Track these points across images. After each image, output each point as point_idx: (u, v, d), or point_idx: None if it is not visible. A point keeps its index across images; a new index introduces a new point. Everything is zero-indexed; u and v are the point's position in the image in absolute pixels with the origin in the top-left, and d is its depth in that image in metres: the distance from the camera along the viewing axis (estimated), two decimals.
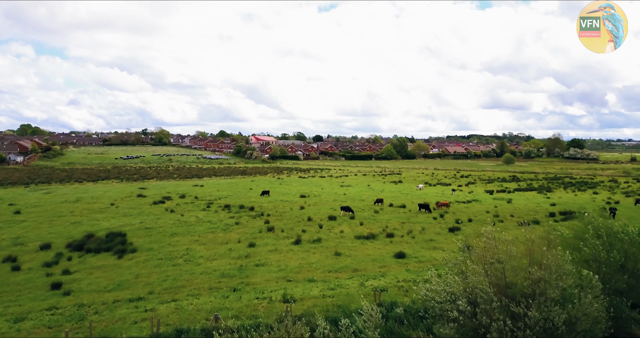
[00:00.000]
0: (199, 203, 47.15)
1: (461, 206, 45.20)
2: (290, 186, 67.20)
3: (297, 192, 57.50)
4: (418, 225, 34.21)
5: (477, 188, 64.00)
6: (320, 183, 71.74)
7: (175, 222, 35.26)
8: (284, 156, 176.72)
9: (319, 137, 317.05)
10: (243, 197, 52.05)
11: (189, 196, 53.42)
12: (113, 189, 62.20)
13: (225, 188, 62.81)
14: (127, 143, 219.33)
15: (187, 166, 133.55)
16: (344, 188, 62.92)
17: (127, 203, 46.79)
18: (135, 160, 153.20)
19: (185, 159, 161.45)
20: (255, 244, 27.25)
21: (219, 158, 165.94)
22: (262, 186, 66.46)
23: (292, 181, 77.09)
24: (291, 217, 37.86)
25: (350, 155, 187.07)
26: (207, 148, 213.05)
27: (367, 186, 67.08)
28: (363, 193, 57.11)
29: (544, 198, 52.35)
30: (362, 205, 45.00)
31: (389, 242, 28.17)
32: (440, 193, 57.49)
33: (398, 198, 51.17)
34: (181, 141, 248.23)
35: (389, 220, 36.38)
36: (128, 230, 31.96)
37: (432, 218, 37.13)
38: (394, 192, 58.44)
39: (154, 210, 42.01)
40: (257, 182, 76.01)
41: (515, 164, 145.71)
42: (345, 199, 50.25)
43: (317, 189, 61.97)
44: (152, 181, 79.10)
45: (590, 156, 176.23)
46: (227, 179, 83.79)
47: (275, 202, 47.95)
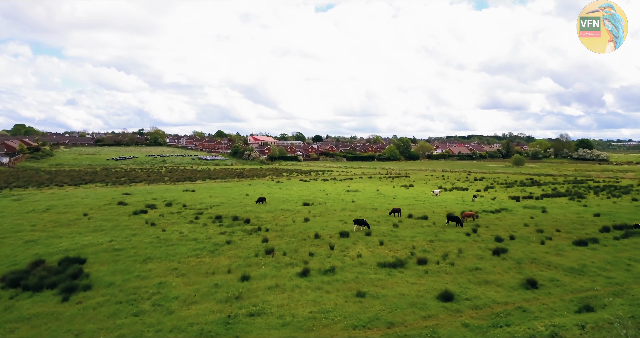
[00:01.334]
0: (187, 213, 40.68)
1: (491, 217, 38.83)
2: (290, 191, 60.76)
3: (298, 198, 51.09)
4: (451, 244, 27.81)
5: (499, 194, 57.64)
6: (324, 188, 65.31)
7: (153, 241, 28.78)
8: (283, 157, 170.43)
9: (319, 137, 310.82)
10: (238, 206, 45.58)
11: (176, 204, 46.97)
12: (93, 195, 55.65)
13: (218, 194, 56.32)
14: (120, 143, 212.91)
15: (181, 168, 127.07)
16: (351, 194, 56.48)
17: (103, 214, 40.27)
18: (128, 161, 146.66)
19: (179, 160, 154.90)
20: (250, 277, 20.80)
21: (215, 159, 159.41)
22: (260, 191, 60.00)
23: (292, 185, 70.64)
24: (294, 232, 31.42)
25: (351, 156, 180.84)
26: (203, 148, 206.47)
27: (376, 191, 60.68)
28: (374, 200, 50.69)
29: (581, 207, 46.00)
30: (376, 216, 38.60)
31: (423, 272, 21.73)
32: (460, 200, 51.11)
33: (415, 207, 44.78)
34: (177, 141, 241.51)
35: (413, 237, 29.96)
36: (91, 252, 25.48)
37: (465, 235, 30.72)
38: (408, 199, 52.02)
39: (132, 223, 35.52)
40: (254, 186, 69.53)
41: (525, 165, 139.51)
42: (354, 208, 43.83)
43: (321, 195, 55.54)
44: (140, 185, 72.53)
45: (600, 157, 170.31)
46: (222, 183, 77.27)
47: (274, 211, 41.52)
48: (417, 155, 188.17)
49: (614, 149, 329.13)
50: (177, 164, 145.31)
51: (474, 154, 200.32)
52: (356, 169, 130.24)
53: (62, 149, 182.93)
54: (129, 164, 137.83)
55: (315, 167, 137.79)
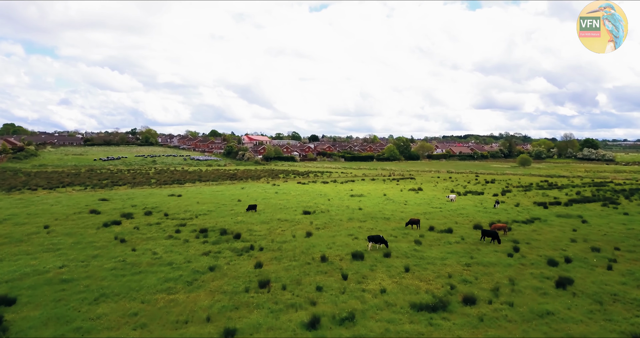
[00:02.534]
0: (168, 224, 34.55)
1: (525, 229, 32.96)
2: (288, 196, 54.68)
3: (297, 205, 45.05)
4: (496, 271, 21.88)
5: (520, 199, 51.85)
6: (325, 192, 59.26)
7: (117, 266, 22.65)
8: (279, 157, 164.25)
9: (315, 136, 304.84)
10: (228, 214, 39.43)
11: (157, 212, 40.82)
12: (66, 201, 49.30)
13: (207, 200, 50.13)
14: (110, 143, 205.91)
15: (172, 168, 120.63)
16: (356, 200, 50.45)
17: (68, 226, 34.03)
18: (116, 161, 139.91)
19: (170, 160, 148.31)
20: (237, 330, 14.75)
21: (207, 159, 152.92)
22: (254, 196, 53.86)
23: (290, 189, 64.54)
24: (295, 252, 25.40)
25: (350, 156, 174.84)
26: (196, 148, 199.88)
27: (383, 196, 54.70)
28: (383, 207, 44.68)
29: (621, 215, 40.25)
30: (390, 229, 32.63)
31: (476, 320, 15.76)
32: (480, 207, 45.25)
33: (433, 216, 38.84)
34: (169, 141, 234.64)
35: (444, 259, 24.00)
36: (28, 286, 19.34)
37: (507, 256, 24.79)
38: (421, 205, 46.06)
39: (98, 238, 29.35)
40: (248, 189, 63.36)
41: (531, 165, 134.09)
42: (363, 217, 37.82)
43: (323, 201, 49.49)
44: (122, 188, 66.17)
45: (606, 157, 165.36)
46: (213, 186, 71.02)
47: (270, 222, 35.44)
48: (417, 155, 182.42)
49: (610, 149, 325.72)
50: (168, 164, 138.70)
51: (475, 153, 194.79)
52: (356, 169, 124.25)
53: (49, 149, 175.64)
54: (117, 165, 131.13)
55: (312, 167, 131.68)
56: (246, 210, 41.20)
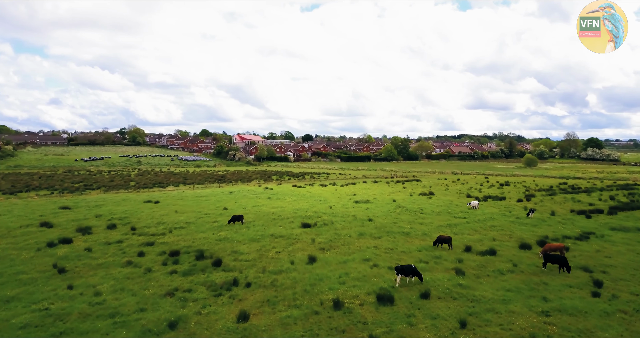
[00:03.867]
0: (132, 242, 27.23)
1: (585, 249, 26.06)
2: (283, 202, 47.43)
3: (294, 214, 37.85)
4: (593, 326, 14.83)
5: (552, 206, 45.06)
6: (325, 197, 52.06)
7: (33, 319, 15.34)
8: (272, 157, 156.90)
9: (309, 136, 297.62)
10: (209, 229, 32.09)
11: (124, 224, 33.44)
12: (18, 210, 41.65)
13: (187, 208, 42.74)
14: (95, 143, 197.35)
15: (157, 169, 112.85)
16: (362, 207, 43.30)
17: (1, 246, 26.52)
18: (98, 162, 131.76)
19: (157, 161, 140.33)
20: None
21: (196, 159, 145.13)
22: (243, 202, 46.54)
23: (284, 193, 57.26)
24: (295, 292, 18.23)
25: (346, 156, 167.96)
26: (185, 148, 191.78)
27: (392, 202, 47.61)
28: (398, 217, 37.52)
29: None
30: (415, 250, 25.56)
31: None
32: (511, 216, 38.30)
33: (462, 229, 31.78)
34: (158, 141, 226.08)
35: (506, 302, 16.93)
36: None
37: (592, 296, 17.83)
38: (441, 215, 38.97)
39: (31, 266, 21.98)
40: (237, 194, 55.96)
41: (538, 165, 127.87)
42: (376, 231, 30.67)
43: (323, 208, 42.30)
44: (94, 193, 58.48)
45: (611, 157, 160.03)
46: (198, 190, 63.51)
47: (261, 239, 28.21)
48: (416, 155, 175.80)
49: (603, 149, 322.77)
50: (153, 165, 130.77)
51: (476, 153, 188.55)
52: (354, 170, 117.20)
53: (29, 148, 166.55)
54: (99, 166, 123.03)
55: (308, 168, 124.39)
56: (228, 222, 33.86)
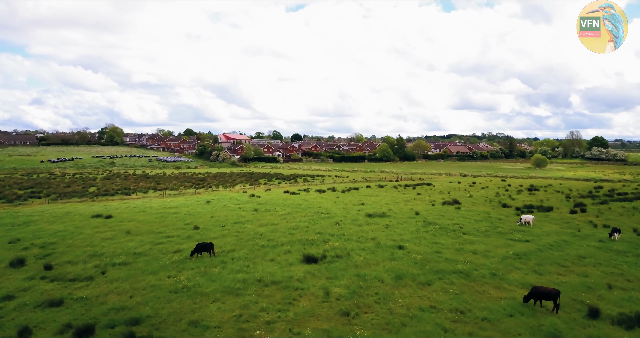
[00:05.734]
0: (27, 300, 16.12)
1: None
2: (274, 215, 36.47)
3: (290, 237, 26.99)
4: None
5: (621, 219, 35.01)
6: (327, 207, 41.22)
7: None
8: (259, 158, 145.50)
9: (298, 136, 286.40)
10: (164, 268, 20.94)
11: (39, 258, 22.31)
12: None
13: (145, 227, 31.49)
14: (69, 142, 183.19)
15: (130, 171, 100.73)
16: (379, 224, 32.49)
17: None
18: (67, 163, 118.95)
19: (132, 162, 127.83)
20: None
21: (177, 160, 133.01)
22: (222, 217, 35.42)
23: (275, 202, 46.24)
24: None
25: (339, 157, 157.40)
26: (166, 148, 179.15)
27: (415, 215, 36.95)
28: (435, 241, 26.76)
29: None
30: (502, 314, 14.89)
31: None
32: (587, 238, 27.93)
33: (544, 266, 21.20)
34: (138, 140, 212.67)
35: None
36: None
37: None
38: (490, 235, 28.36)
39: None
40: (215, 204, 44.77)
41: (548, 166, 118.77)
42: (420, 272, 19.96)
43: (328, 225, 31.45)
44: (37, 203, 46.74)
45: (617, 156, 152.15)
46: (169, 197, 52.08)
47: (243, 292, 17.28)
48: (412, 156, 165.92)
49: None
50: (128, 166, 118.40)
51: (475, 153, 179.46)
52: (350, 172, 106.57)
53: None
54: (66, 168, 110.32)
55: (299, 170, 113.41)
56: (191, 253, 22.76)
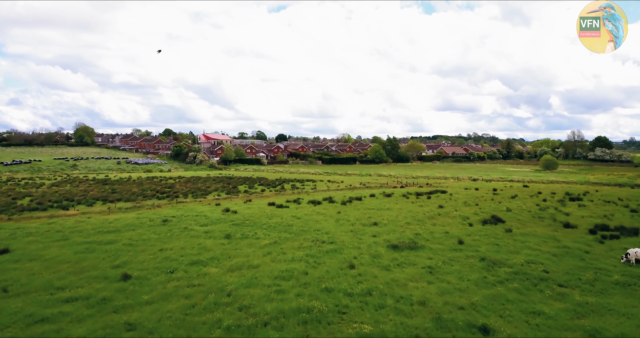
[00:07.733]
0: None
1: None
2: (252, 248, 24.68)
3: (278, 303, 15.34)
4: None
5: None
6: (328, 231, 29.53)
7: None
8: (241, 159, 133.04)
9: (283, 136, 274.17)
10: None
11: None
12: None
13: (44, 276, 19.37)
14: (33, 143, 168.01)
15: (91, 176, 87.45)
16: (416, 265, 21.07)
17: None
18: (21, 166, 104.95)
19: (98, 165, 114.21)
20: None
21: (149, 163, 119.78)
22: (176, 249, 23.40)
23: (256, 221, 34.37)
24: None
25: (328, 158, 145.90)
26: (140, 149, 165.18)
27: (457, 244, 25.56)
28: (524, 308, 15.35)
29: None
30: None
31: None
32: None
33: None
34: (110, 141, 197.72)
35: None
36: None
37: None
38: (603, 288, 17.09)
39: None
40: (174, 226, 32.67)
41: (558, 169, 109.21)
42: None
43: (336, 267, 19.89)
44: None
45: (623, 158, 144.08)
46: (116, 214, 39.70)
47: None
48: (407, 157, 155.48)
49: None
50: (91, 169, 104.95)
51: (471, 154, 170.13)
52: (343, 175, 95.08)
53: None
54: (18, 171, 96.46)
55: (286, 173, 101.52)
56: None
